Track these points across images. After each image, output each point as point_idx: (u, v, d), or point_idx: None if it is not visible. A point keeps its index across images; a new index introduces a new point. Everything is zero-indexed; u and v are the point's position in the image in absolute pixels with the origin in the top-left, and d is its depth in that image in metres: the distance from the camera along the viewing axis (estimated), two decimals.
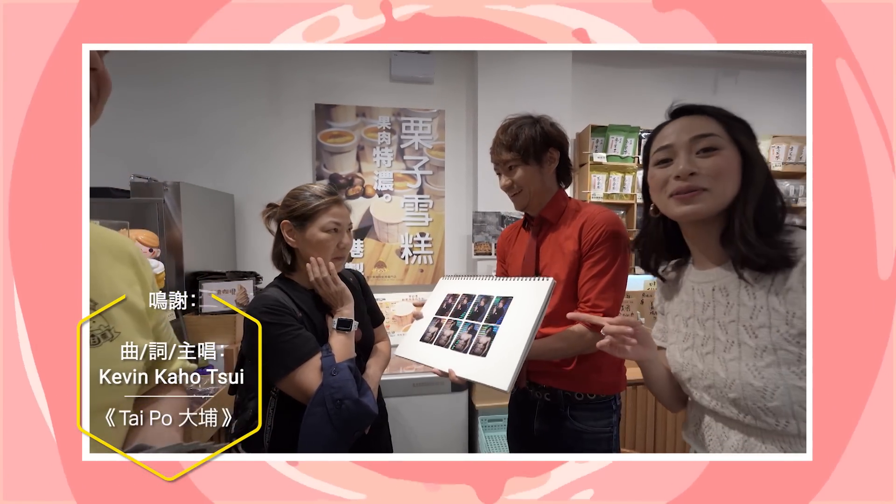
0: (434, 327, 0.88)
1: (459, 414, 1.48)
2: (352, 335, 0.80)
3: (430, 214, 2.06)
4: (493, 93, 2.04)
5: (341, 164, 1.97)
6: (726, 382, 0.52)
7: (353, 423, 0.73)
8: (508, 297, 0.78)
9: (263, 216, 0.87)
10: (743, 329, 0.52)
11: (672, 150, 0.54)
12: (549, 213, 0.90)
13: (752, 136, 0.55)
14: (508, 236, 1.04)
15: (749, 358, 0.51)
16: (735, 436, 0.54)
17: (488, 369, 0.70)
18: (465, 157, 2.17)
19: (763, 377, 0.49)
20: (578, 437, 0.84)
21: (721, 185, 0.52)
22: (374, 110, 1.98)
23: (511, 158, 0.86)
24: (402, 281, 2.05)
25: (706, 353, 0.56)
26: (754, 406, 0.50)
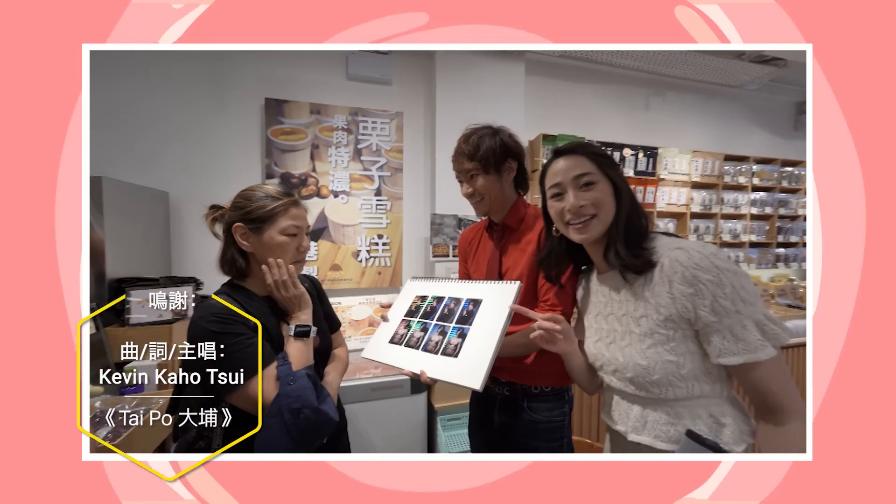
0: (403, 329, 0.88)
1: (418, 415, 1.49)
2: (310, 342, 0.78)
3: (388, 216, 2.05)
4: (452, 95, 2.08)
5: (294, 162, 1.88)
6: (625, 365, 0.63)
7: (312, 432, 0.70)
8: (478, 299, 0.80)
9: (207, 219, 0.81)
10: (631, 320, 0.63)
11: (562, 186, 0.67)
12: (511, 220, 0.95)
13: (617, 167, 0.68)
14: (470, 238, 1.07)
15: (637, 343, 0.62)
16: (636, 409, 0.65)
17: (460, 370, 0.72)
18: (423, 159, 2.18)
19: (646, 357, 0.60)
20: (535, 426, 0.90)
21: (604, 211, 0.65)
22: (329, 108, 1.92)
23: (472, 167, 0.90)
24: (359, 284, 2.01)
25: (609, 343, 0.67)
26: (643, 381, 0.61)
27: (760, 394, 0.54)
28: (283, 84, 1.90)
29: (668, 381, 0.59)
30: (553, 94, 2.43)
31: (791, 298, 2.39)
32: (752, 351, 0.52)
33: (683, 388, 0.59)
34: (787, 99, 3.07)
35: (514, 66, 2.18)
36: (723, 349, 0.54)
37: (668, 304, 0.58)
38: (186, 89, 1.78)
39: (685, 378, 0.58)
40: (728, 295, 0.53)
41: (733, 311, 0.53)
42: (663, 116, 2.69)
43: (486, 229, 1.03)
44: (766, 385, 0.53)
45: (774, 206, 2.82)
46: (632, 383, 0.63)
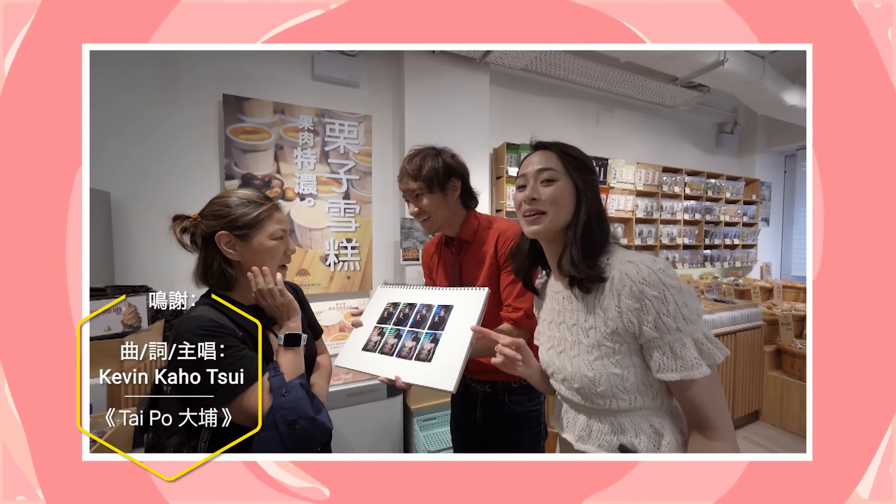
0: (376, 336, 0.88)
1: (395, 417, 1.51)
2: (301, 350, 0.77)
3: (357, 220, 2.03)
4: (420, 101, 2.12)
5: (256, 163, 1.79)
6: (572, 375, 0.63)
7: (308, 442, 0.69)
8: (449, 305, 0.83)
9: (175, 229, 0.75)
10: (580, 331, 0.63)
11: (526, 178, 0.66)
12: (466, 234, 0.99)
13: (587, 170, 0.65)
14: (432, 252, 1.11)
15: (584, 354, 0.62)
16: (582, 418, 0.66)
17: (434, 374, 0.74)
18: (392, 163, 2.19)
19: (593, 369, 0.60)
20: (516, 417, 0.96)
21: (555, 210, 0.63)
22: (294, 108, 1.86)
23: (417, 187, 0.93)
24: (328, 289, 1.97)
25: (560, 352, 0.67)
26: (589, 392, 0.61)
27: (693, 409, 0.56)
28: (243, 80, 1.81)
29: (612, 393, 0.59)
30: (515, 105, 2.57)
31: (716, 294, 2.76)
32: (689, 369, 0.53)
33: (626, 400, 0.59)
34: (711, 120, 3.53)
35: (480, 76, 2.28)
36: (662, 365, 0.55)
37: (615, 317, 0.58)
38: (130, 77, 1.63)
39: (628, 390, 0.59)
40: (671, 312, 0.54)
41: (674, 328, 0.54)
42: (612, 130, 2.96)
43: (444, 244, 1.06)
44: (698, 401, 0.55)
45: (702, 213, 3.22)
46: (578, 393, 0.63)
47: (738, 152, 3.69)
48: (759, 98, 2.66)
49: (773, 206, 3.75)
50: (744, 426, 2.45)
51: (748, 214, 3.48)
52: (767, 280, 3.32)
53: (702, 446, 0.55)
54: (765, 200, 3.63)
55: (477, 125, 2.28)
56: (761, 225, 3.61)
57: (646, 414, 0.61)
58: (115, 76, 1.59)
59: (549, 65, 2.40)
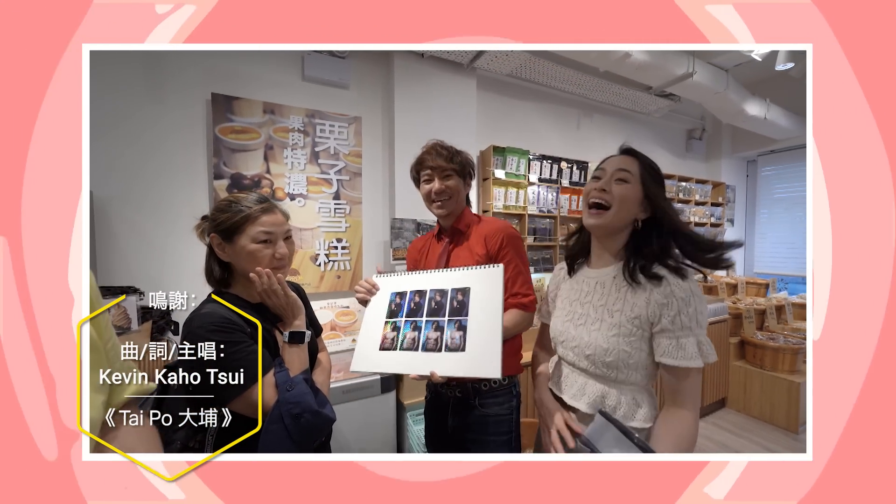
0: (391, 331, 0.83)
1: (388, 413, 1.54)
2: (305, 347, 0.80)
3: (347, 220, 2.05)
4: (409, 104, 2.16)
5: (246, 163, 1.78)
6: (588, 344, 0.73)
7: (313, 434, 0.73)
8: (464, 287, 0.80)
9: (197, 230, 0.80)
10: (606, 311, 0.73)
11: (603, 172, 0.75)
12: (461, 225, 1.04)
13: (660, 186, 0.74)
14: (421, 247, 1.13)
15: (605, 330, 0.72)
16: (580, 380, 0.76)
17: (473, 362, 0.71)
18: (381, 164, 2.22)
19: (608, 342, 0.71)
20: (485, 420, 0.95)
21: (621, 208, 0.72)
22: (284, 109, 1.86)
23: (449, 168, 1.00)
24: (318, 288, 1.97)
25: (580, 324, 0.77)
26: (598, 360, 0.72)
27: (676, 391, 0.67)
28: (232, 79, 1.79)
29: (617, 364, 0.70)
30: (501, 109, 2.65)
31: None
32: (687, 360, 0.65)
33: (624, 374, 0.71)
34: (681, 127, 3.74)
35: (467, 81, 2.34)
36: (666, 351, 0.66)
37: (642, 305, 0.68)
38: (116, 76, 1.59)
39: (629, 366, 0.70)
40: (690, 314, 0.65)
41: (687, 326, 0.65)
42: (591, 134, 3.09)
43: (436, 236, 1.10)
44: (683, 386, 0.66)
45: None
46: (587, 359, 0.74)
47: (705, 157, 3.93)
48: (724, 108, 2.86)
49: (737, 207, 4.02)
50: (712, 413, 2.63)
51: (715, 216, 3.72)
52: (732, 277, 3.56)
53: (672, 415, 0.68)
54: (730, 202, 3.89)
55: (464, 128, 2.34)
56: (727, 225, 3.86)
57: (632, 388, 0.72)
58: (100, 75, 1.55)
59: (534, 71, 2.49)
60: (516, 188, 2.57)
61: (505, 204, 2.52)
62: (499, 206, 2.49)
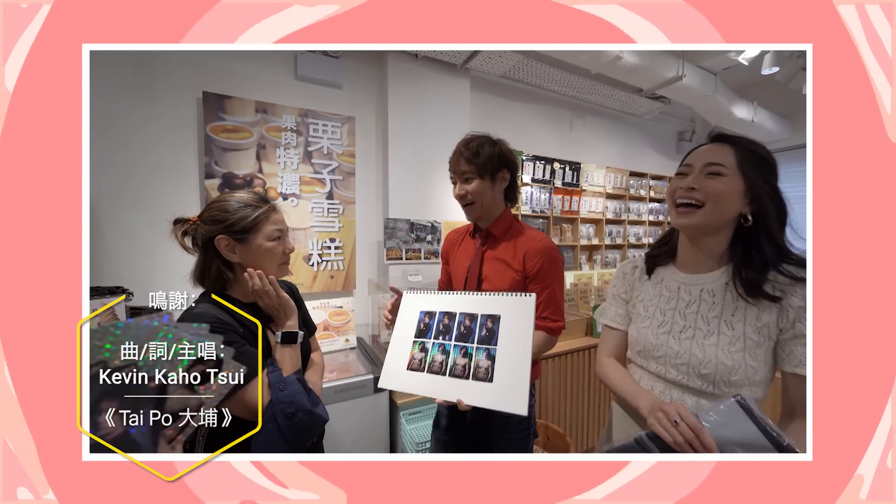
0: (419, 352, 0.82)
1: (382, 412, 1.55)
2: (297, 347, 0.80)
3: (340, 220, 2.04)
4: (403, 105, 2.16)
5: (238, 162, 1.77)
6: (702, 361, 0.63)
7: (306, 433, 0.73)
8: (495, 315, 0.78)
9: (176, 233, 0.77)
10: (723, 323, 0.63)
11: (690, 167, 0.65)
12: (497, 229, 0.99)
13: (768, 173, 0.61)
14: (454, 240, 1.11)
15: (726, 345, 0.62)
16: (689, 400, 0.65)
17: (500, 395, 0.70)
18: (375, 164, 2.22)
19: (733, 358, 0.61)
20: (507, 420, 0.95)
21: (715, 205, 0.61)
22: (276, 108, 1.85)
23: (469, 170, 0.94)
24: (311, 288, 1.97)
25: (685, 338, 0.66)
26: (720, 378, 0.62)
27: (800, 400, 0.57)
28: (224, 78, 1.78)
29: (741, 382, 0.60)
30: (495, 110, 2.66)
31: None
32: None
33: (748, 391, 0.60)
34: (672, 128, 3.80)
35: (461, 82, 2.35)
36: (802, 361, 0.57)
37: (773, 311, 0.59)
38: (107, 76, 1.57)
39: (755, 383, 0.60)
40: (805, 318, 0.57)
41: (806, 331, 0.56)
42: (584, 135, 3.12)
43: (471, 234, 1.06)
44: (803, 393, 0.56)
45: (665, 215, 3.47)
46: (701, 378, 0.63)
47: None
48: (713, 110, 2.92)
49: None
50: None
51: None
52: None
53: (801, 430, 0.55)
54: None
55: (458, 129, 2.35)
56: None
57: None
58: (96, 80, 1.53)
59: (527, 73, 2.51)
60: None
61: None
62: None
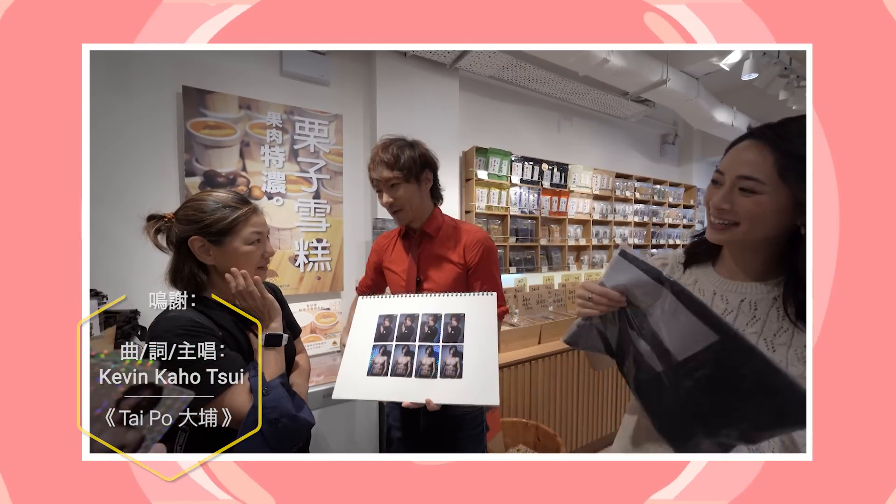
0: (381, 356, 0.79)
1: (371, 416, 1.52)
2: (281, 350, 0.77)
3: (327, 220, 2.00)
4: (391, 103, 2.14)
5: (220, 160, 1.71)
6: None
7: (291, 438, 0.70)
8: (459, 314, 0.79)
9: (149, 230, 0.73)
10: (763, 342, 0.52)
11: (722, 177, 0.54)
12: (430, 228, 0.99)
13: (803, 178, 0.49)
14: (385, 246, 1.10)
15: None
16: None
17: (470, 389, 0.70)
18: (362, 163, 2.18)
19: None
20: (462, 419, 0.95)
21: (752, 224, 0.51)
22: (261, 104, 1.80)
23: (393, 177, 0.92)
24: (297, 290, 1.92)
25: None
26: None
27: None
28: (205, 73, 1.72)
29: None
30: (484, 110, 2.67)
31: None
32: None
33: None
34: (656, 131, 3.89)
35: (450, 81, 2.34)
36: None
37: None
38: None
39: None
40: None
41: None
42: (571, 137, 3.16)
43: (402, 237, 1.05)
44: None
45: (649, 216, 3.54)
46: None
47: (678, 161, 4.11)
48: (695, 114, 3.00)
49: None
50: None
51: (687, 217, 3.89)
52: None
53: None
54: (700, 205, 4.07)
55: (447, 128, 2.34)
56: (698, 227, 4.04)
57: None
58: None
59: (516, 74, 2.52)
60: (499, 189, 2.60)
61: (487, 204, 2.54)
62: (482, 207, 2.51)
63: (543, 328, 2.07)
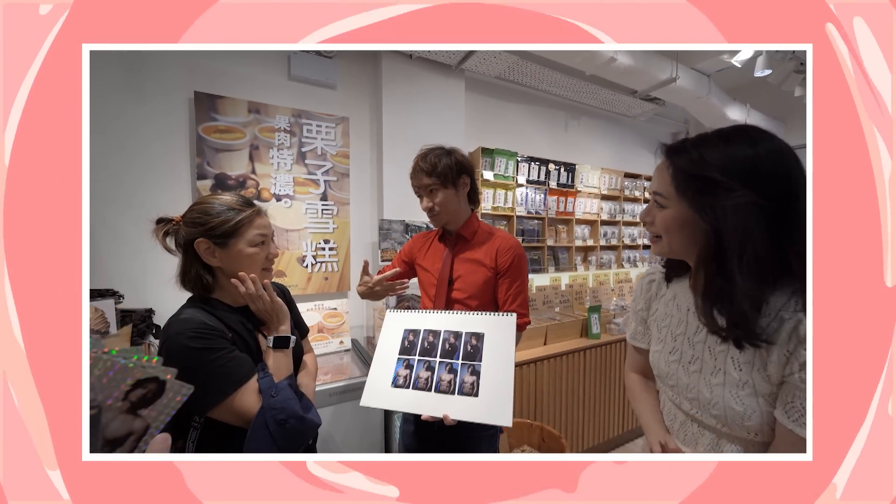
0: (404, 370, 0.83)
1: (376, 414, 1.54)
2: (289, 352, 0.79)
3: (334, 221, 2.03)
4: (397, 106, 2.16)
5: (230, 163, 1.75)
6: (710, 401, 0.55)
7: (298, 439, 0.72)
8: (479, 332, 0.82)
9: (157, 233, 0.76)
10: (730, 361, 0.53)
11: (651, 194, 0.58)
12: (466, 232, 1.06)
13: (711, 190, 0.48)
14: (421, 243, 1.16)
15: (732, 387, 0.53)
16: (708, 436, 0.58)
17: (485, 409, 0.72)
18: (369, 165, 2.21)
19: (743, 404, 0.52)
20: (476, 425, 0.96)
21: (668, 236, 0.54)
22: (270, 108, 1.83)
23: (432, 183, 1.00)
24: (305, 290, 1.95)
25: (693, 371, 0.58)
26: (734, 423, 0.53)
27: (778, 448, 0.51)
28: (215, 78, 1.76)
29: (760, 429, 0.52)
30: (489, 111, 2.66)
31: None
32: (802, 428, 0.47)
33: (768, 436, 0.52)
34: (666, 130, 3.83)
35: (455, 83, 2.35)
36: (801, 415, 0.47)
37: (780, 362, 0.49)
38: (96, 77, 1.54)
39: (773, 430, 0.51)
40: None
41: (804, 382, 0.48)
42: (578, 137, 3.14)
43: (439, 238, 1.12)
44: (786, 448, 0.50)
45: None
46: (715, 418, 0.55)
47: None
48: (706, 112, 2.94)
49: None
50: None
51: None
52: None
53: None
54: None
55: (453, 130, 2.35)
56: None
57: (751, 446, 0.54)
58: None
59: (522, 74, 2.51)
60: (505, 189, 2.59)
61: (494, 205, 2.54)
62: (487, 208, 2.51)
63: (549, 329, 2.06)
